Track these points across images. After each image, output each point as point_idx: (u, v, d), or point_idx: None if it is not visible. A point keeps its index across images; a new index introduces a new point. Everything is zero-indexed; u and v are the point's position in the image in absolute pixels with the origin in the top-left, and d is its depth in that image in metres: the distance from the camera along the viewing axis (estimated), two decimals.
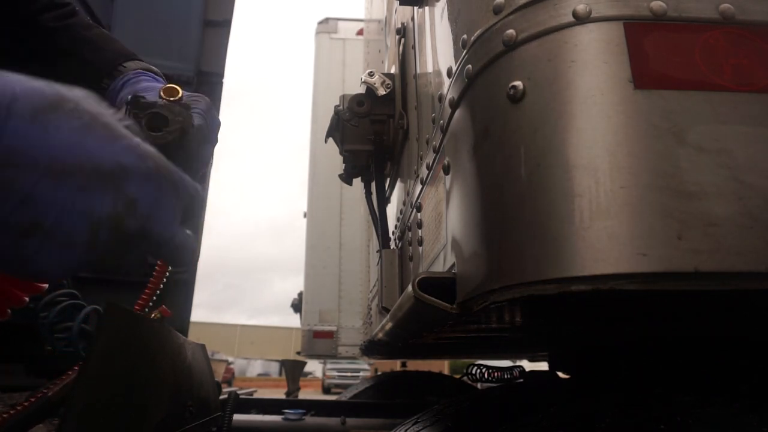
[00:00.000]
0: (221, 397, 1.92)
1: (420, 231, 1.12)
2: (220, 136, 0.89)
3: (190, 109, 0.77)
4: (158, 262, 0.98)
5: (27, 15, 0.95)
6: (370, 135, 1.51)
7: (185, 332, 3.17)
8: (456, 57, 0.80)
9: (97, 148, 0.47)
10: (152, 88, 0.86)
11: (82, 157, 0.45)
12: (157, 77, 0.94)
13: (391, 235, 1.56)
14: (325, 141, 1.66)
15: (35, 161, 0.42)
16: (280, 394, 7.28)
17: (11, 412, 0.80)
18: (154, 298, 1.00)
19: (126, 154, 0.49)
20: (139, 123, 0.69)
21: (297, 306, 5.68)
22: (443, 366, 13.57)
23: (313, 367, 23.74)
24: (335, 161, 2.05)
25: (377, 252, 1.60)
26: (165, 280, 0.99)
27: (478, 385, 2.79)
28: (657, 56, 0.58)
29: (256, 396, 3.45)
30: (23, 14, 0.94)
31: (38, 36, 0.94)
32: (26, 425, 0.81)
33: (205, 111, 0.80)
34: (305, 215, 5.07)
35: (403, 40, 1.53)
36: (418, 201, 1.14)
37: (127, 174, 0.48)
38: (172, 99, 0.74)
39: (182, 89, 0.77)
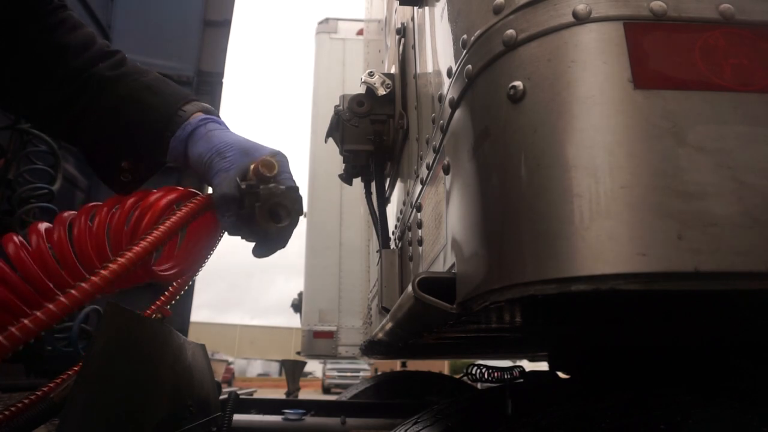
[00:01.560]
0: (221, 397, 1.92)
1: (420, 231, 1.12)
2: None
3: (282, 176, 0.88)
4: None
5: (80, 67, 0.93)
6: (370, 135, 1.51)
7: (185, 332, 3.17)
8: (456, 57, 0.80)
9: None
10: (230, 145, 0.88)
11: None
12: (219, 119, 0.94)
13: (391, 235, 1.56)
14: (325, 141, 1.65)
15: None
16: (280, 394, 7.28)
17: (7, 412, 0.80)
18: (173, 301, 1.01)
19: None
20: (260, 212, 0.81)
21: (297, 306, 5.68)
22: (443, 366, 13.56)
23: (313, 367, 23.73)
24: (335, 161, 2.05)
25: (377, 252, 1.60)
26: (186, 288, 1.00)
27: (478, 385, 2.79)
28: (657, 56, 0.58)
29: (256, 396, 3.45)
30: (75, 67, 0.93)
31: (94, 87, 0.93)
32: (29, 427, 0.81)
33: (289, 170, 0.91)
34: (305, 215, 5.07)
35: (403, 40, 1.53)
36: (418, 201, 1.14)
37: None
38: (270, 174, 0.84)
39: (274, 160, 0.86)
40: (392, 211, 1.65)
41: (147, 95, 0.93)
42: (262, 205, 0.81)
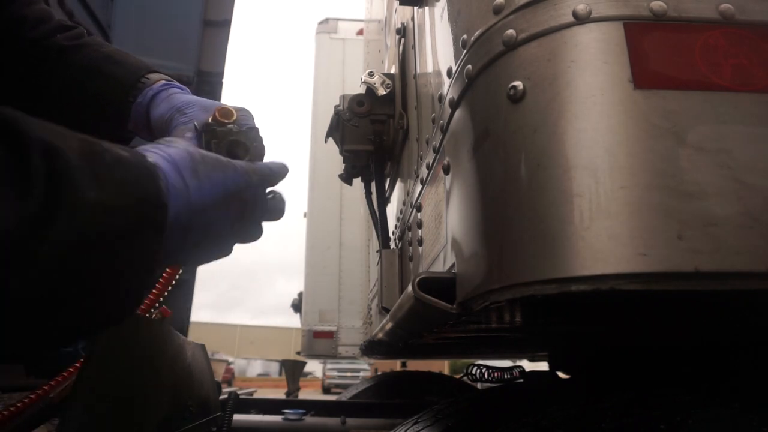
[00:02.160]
0: (221, 397, 1.92)
1: (420, 231, 1.12)
2: None
3: (243, 125, 0.84)
4: (167, 268, 0.99)
5: (38, 38, 0.93)
6: (370, 135, 1.51)
7: (185, 332, 3.17)
8: (456, 57, 0.80)
9: (234, 179, 0.67)
10: (191, 103, 0.87)
11: (232, 189, 0.66)
12: (182, 86, 0.94)
13: (391, 235, 1.56)
14: (325, 141, 1.65)
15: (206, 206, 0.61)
16: (280, 394, 7.27)
17: (6, 412, 0.80)
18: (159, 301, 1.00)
19: (246, 175, 0.69)
20: (218, 150, 0.78)
21: (297, 306, 5.67)
22: (443, 366, 13.57)
23: (313, 367, 23.73)
24: (335, 161, 2.05)
25: (377, 252, 1.60)
26: (172, 284, 1.00)
27: (478, 385, 2.79)
28: (657, 56, 0.58)
29: (256, 396, 3.45)
30: (33, 38, 0.92)
31: (53, 57, 0.92)
32: (29, 427, 0.81)
33: (253, 122, 0.88)
34: (305, 215, 5.07)
35: (403, 40, 1.53)
36: (418, 201, 1.14)
37: (249, 188, 0.69)
38: (228, 121, 0.82)
39: (233, 108, 0.84)
40: (392, 211, 1.66)
41: (109, 64, 0.92)
42: (219, 142, 0.80)
